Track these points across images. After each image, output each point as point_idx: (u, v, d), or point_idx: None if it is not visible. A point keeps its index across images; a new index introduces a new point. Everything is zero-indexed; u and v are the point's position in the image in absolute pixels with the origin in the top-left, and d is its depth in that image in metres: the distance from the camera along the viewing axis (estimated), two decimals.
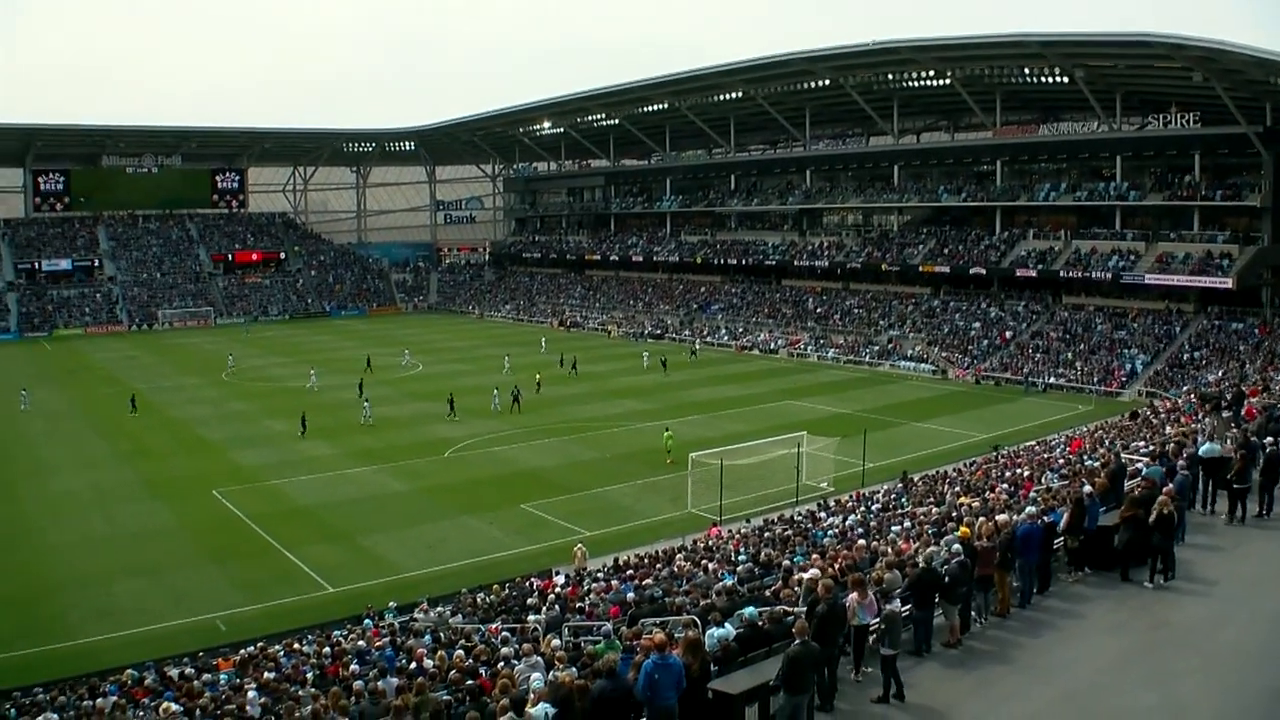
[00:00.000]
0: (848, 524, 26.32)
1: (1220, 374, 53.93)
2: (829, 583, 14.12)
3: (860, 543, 20.99)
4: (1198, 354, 62.08)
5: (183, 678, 19.76)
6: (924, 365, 72.39)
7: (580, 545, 32.01)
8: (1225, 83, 62.53)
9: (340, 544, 35.38)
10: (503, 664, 15.63)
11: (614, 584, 23.20)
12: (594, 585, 23.90)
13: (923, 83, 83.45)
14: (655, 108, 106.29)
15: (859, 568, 17.30)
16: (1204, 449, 21.80)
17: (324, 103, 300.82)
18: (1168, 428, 30.58)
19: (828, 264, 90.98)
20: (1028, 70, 76.31)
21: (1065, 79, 72.99)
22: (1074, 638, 15.30)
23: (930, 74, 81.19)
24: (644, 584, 22.28)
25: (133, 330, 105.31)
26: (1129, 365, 63.50)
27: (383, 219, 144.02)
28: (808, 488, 38.98)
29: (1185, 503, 19.51)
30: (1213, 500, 21.45)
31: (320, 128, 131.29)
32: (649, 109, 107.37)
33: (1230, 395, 33.86)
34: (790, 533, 26.91)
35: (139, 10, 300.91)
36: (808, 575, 16.28)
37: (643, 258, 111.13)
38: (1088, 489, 18.56)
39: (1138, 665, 14.48)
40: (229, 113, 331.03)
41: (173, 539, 35.99)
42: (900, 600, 14.71)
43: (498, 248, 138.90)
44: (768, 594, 16.86)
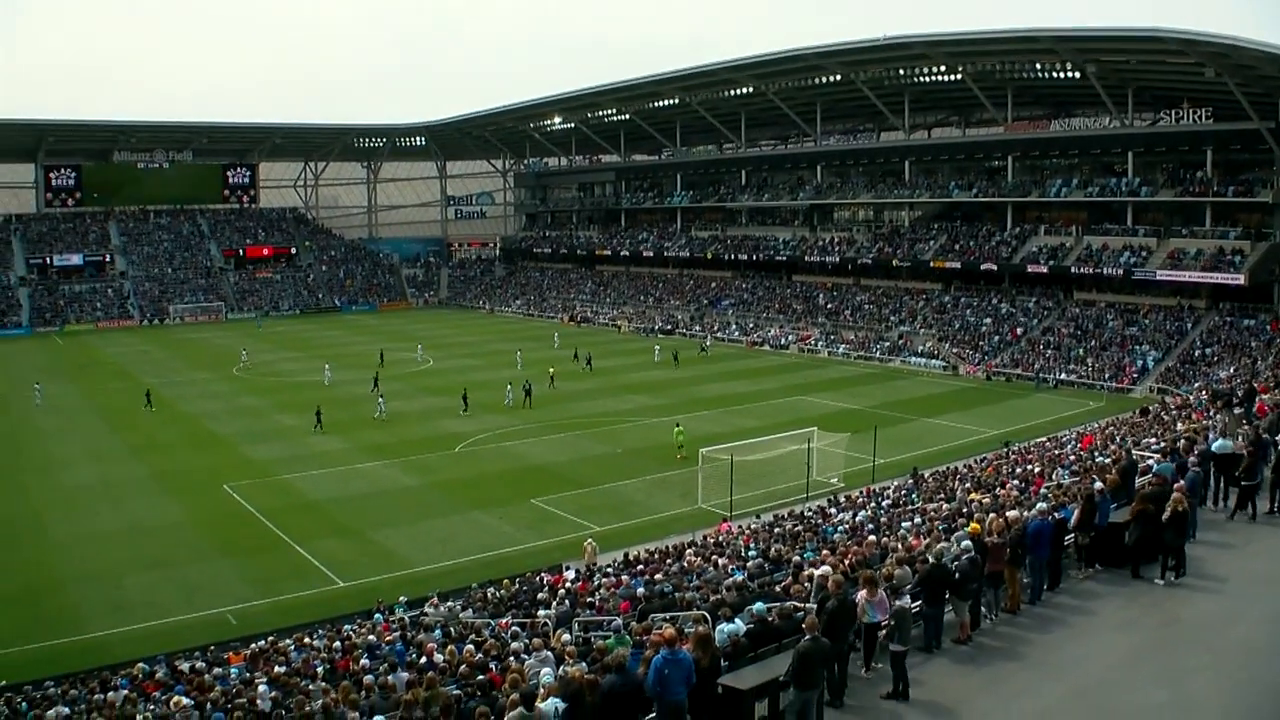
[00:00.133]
0: (858, 520, 26.26)
1: (1232, 370, 53.71)
2: (839, 578, 14.13)
3: (870, 539, 20.99)
4: (1209, 350, 61.88)
5: (193, 671, 19.83)
6: (935, 361, 72.27)
7: (590, 540, 31.98)
8: (1238, 78, 62.30)
9: (351, 538, 35.47)
10: (513, 659, 15.66)
11: (624, 579, 23.21)
12: (604, 580, 23.91)
13: (934, 78, 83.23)
14: (666, 103, 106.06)
15: (869, 564, 17.30)
16: (1217, 445, 21.70)
17: (333, 99, 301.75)
18: (1179, 424, 30.46)
19: (838, 259, 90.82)
20: (1039, 65, 76.02)
21: (1077, 74, 72.81)
22: (1084, 634, 15.26)
23: (941, 69, 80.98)
24: (654, 579, 22.27)
25: (144, 325, 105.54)
26: (1140, 361, 63.34)
27: (393, 214, 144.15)
28: (818, 483, 38.91)
29: (1197, 500, 19.46)
30: (1225, 497, 21.38)
31: (331, 123, 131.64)
32: (660, 104, 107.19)
33: (1242, 392, 33.76)
34: (800, 528, 26.85)
35: (139, 9, 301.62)
36: (819, 572, 16.27)
37: (653, 253, 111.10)
38: (1099, 485, 18.52)
39: (1148, 662, 14.45)
40: (233, 112, 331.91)
41: (183, 533, 36.13)
42: (910, 596, 14.70)
43: (508, 243, 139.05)
44: (778, 589, 16.83)
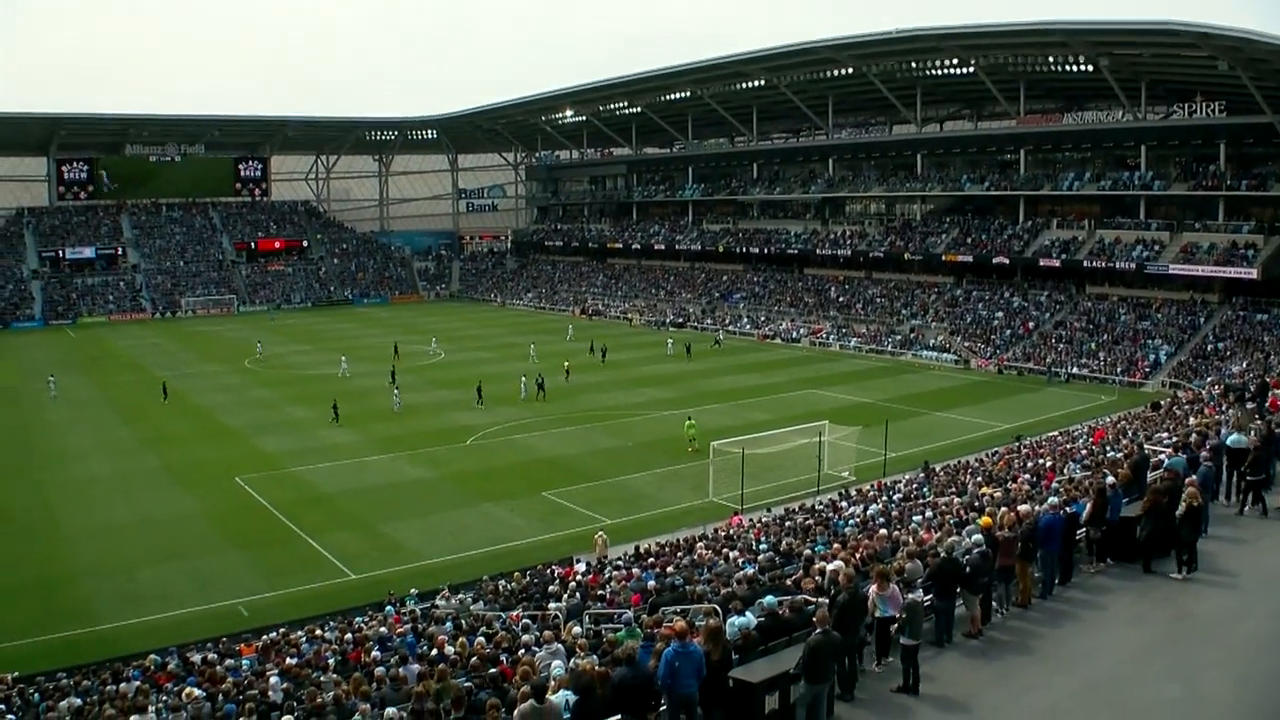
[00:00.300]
0: (869, 513, 26.29)
1: (1244, 365, 53.55)
2: (850, 572, 14.14)
3: (882, 532, 20.99)
4: (1222, 345, 61.64)
5: (205, 663, 19.90)
6: (946, 355, 72.14)
7: (601, 533, 32.05)
8: (1251, 72, 62.03)
9: (362, 531, 35.55)
10: (524, 651, 15.71)
11: (635, 572, 23.24)
12: (615, 573, 23.94)
13: (946, 71, 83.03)
14: (677, 96, 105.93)
15: (880, 557, 17.29)
16: (1231, 439, 21.62)
17: (339, 96, 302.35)
18: (1191, 419, 30.36)
19: (850, 253, 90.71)
20: (1052, 59, 75.77)
21: (1090, 67, 72.53)
22: (1096, 629, 15.25)
23: (954, 62, 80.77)
24: (665, 572, 22.30)
25: (156, 318, 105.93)
26: (1152, 356, 63.14)
27: (405, 207, 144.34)
28: (829, 477, 38.90)
29: (1210, 495, 19.41)
30: (1238, 492, 21.31)
31: (343, 116, 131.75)
32: (671, 97, 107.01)
33: (1254, 387, 33.64)
34: (811, 522, 26.90)
35: (139, 8, 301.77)
36: (830, 566, 16.28)
37: (665, 246, 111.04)
38: (1110, 480, 18.47)
39: (1160, 657, 14.44)
40: (238, 109, 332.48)
41: (196, 525, 36.24)
42: (921, 590, 14.69)
43: (520, 236, 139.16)
44: (789, 583, 16.85)
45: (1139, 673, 13.88)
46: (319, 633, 22.36)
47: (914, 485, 32.25)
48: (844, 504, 30.29)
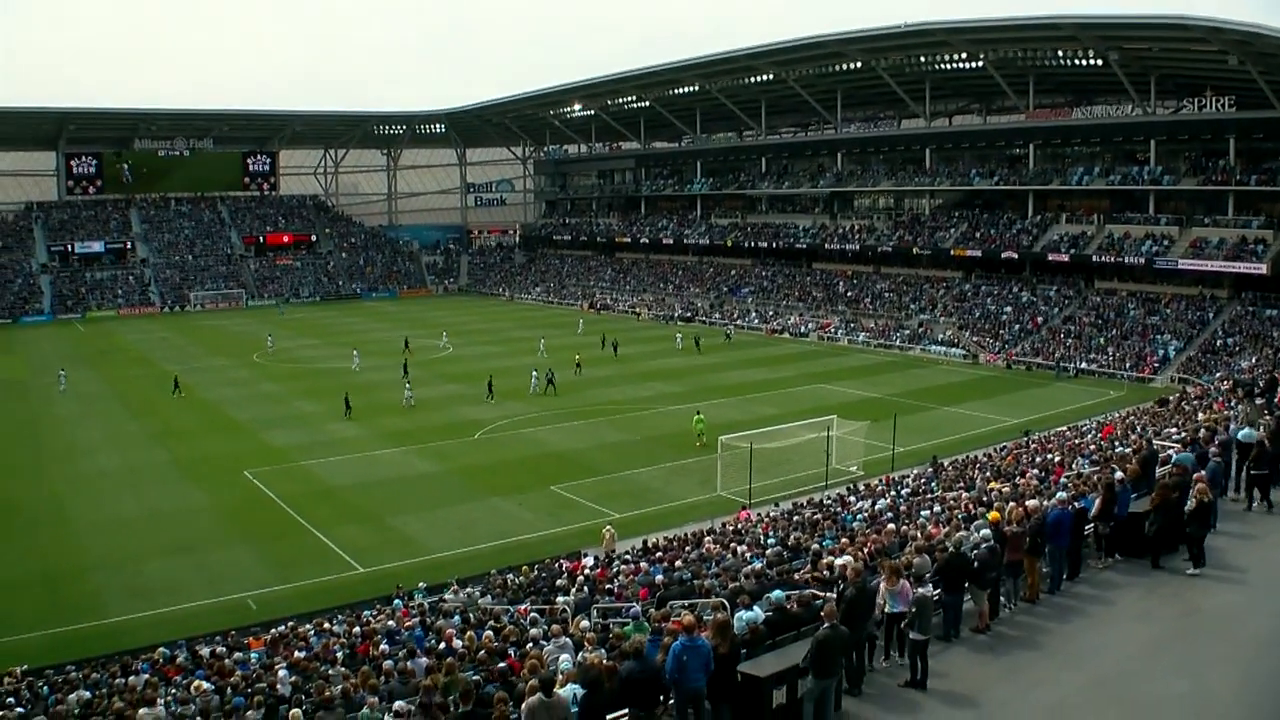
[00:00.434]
0: (877, 508, 26.25)
1: (1253, 360, 53.48)
2: (859, 566, 14.14)
3: (890, 527, 20.98)
4: (1231, 340, 61.48)
5: (214, 656, 19.98)
6: (955, 349, 72.02)
7: (609, 527, 32.03)
8: (1261, 66, 61.79)
9: (370, 524, 35.61)
10: (532, 645, 15.72)
11: (643, 566, 23.26)
12: (623, 567, 23.96)
13: (955, 65, 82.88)
14: (686, 90, 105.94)
15: (888, 552, 17.29)
16: (1242, 434, 21.57)
17: (346, 90, 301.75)
18: (1199, 414, 30.31)
19: (858, 247, 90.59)
20: (1061, 52, 75.66)
21: (1099, 61, 72.33)
22: (1104, 624, 15.23)
23: (963, 56, 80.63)
24: (673, 566, 22.30)
25: (165, 312, 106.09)
26: (1161, 351, 62.97)
27: (413, 201, 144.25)
28: (837, 471, 38.92)
29: (1218, 490, 19.37)
30: (1246, 487, 21.25)
31: (351, 110, 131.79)
32: (680, 91, 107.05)
33: (1264, 382, 33.57)
34: (819, 516, 26.86)
35: (146, 4, 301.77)
36: (838, 561, 16.27)
37: (673, 240, 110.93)
38: (1119, 475, 18.44)
39: (1168, 652, 14.42)
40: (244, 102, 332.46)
41: (204, 519, 36.34)
42: (931, 585, 14.68)
43: (528, 230, 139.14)
44: (796, 577, 16.85)
45: (1147, 668, 13.87)
46: (327, 626, 22.40)
47: (922, 480, 32.20)
48: (852, 499, 30.25)
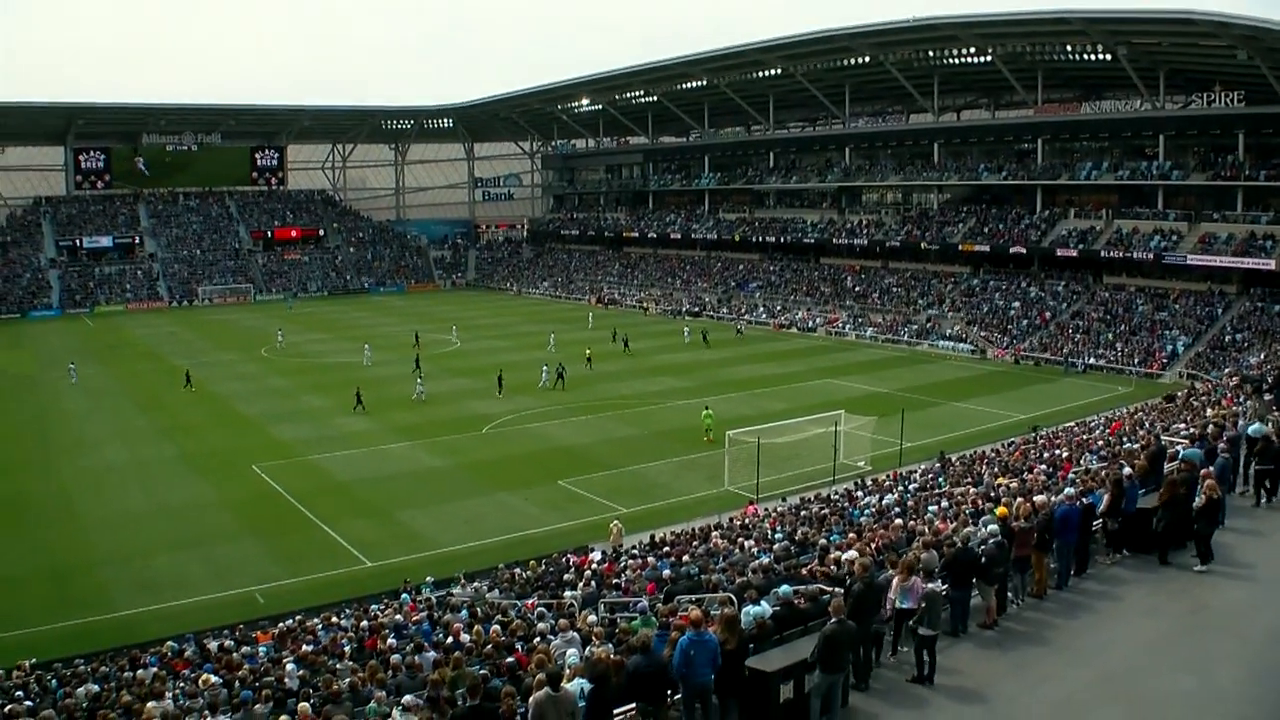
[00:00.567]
0: (885, 503, 26.26)
1: (1262, 356, 53.30)
2: (866, 561, 14.12)
3: (897, 522, 20.98)
4: (1239, 336, 61.30)
5: (222, 650, 20.03)
6: (963, 345, 71.91)
7: (617, 522, 32.06)
8: (1269, 61, 61.68)
9: (378, 519, 35.68)
10: (539, 639, 15.74)
11: (650, 561, 23.25)
12: (630, 562, 23.97)
13: (964, 60, 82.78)
14: (694, 85, 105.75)
15: (896, 547, 17.27)
16: (1252, 429, 21.50)
17: (354, 85, 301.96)
18: (1208, 410, 30.23)
19: (866, 242, 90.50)
20: (1070, 47, 75.43)
21: (1108, 56, 72.17)
22: (1111, 620, 15.21)
23: (971, 51, 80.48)
24: (680, 561, 22.32)
25: (173, 306, 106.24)
26: (1170, 347, 62.81)
27: (421, 196, 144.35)
28: (845, 466, 38.89)
29: (1227, 487, 19.33)
30: (1255, 483, 21.20)
31: (359, 105, 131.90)
32: (688, 86, 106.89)
33: (1272, 378, 33.49)
34: (827, 511, 26.86)
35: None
36: (846, 556, 16.26)
37: (681, 235, 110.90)
38: (1127, 471, 18.41)
39: (1175, 648, 14.39)
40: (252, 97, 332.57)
41: (212, 513, 36.41)
42: (939, 581, 14.66)
43: (536, 225, 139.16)
44: (804, 572, 16.84)
45: (1154, 664, 13.84)
46: (335, 620, 22.47)
47: (930, 475, 32.14)
48: (859, 494, 30.25)
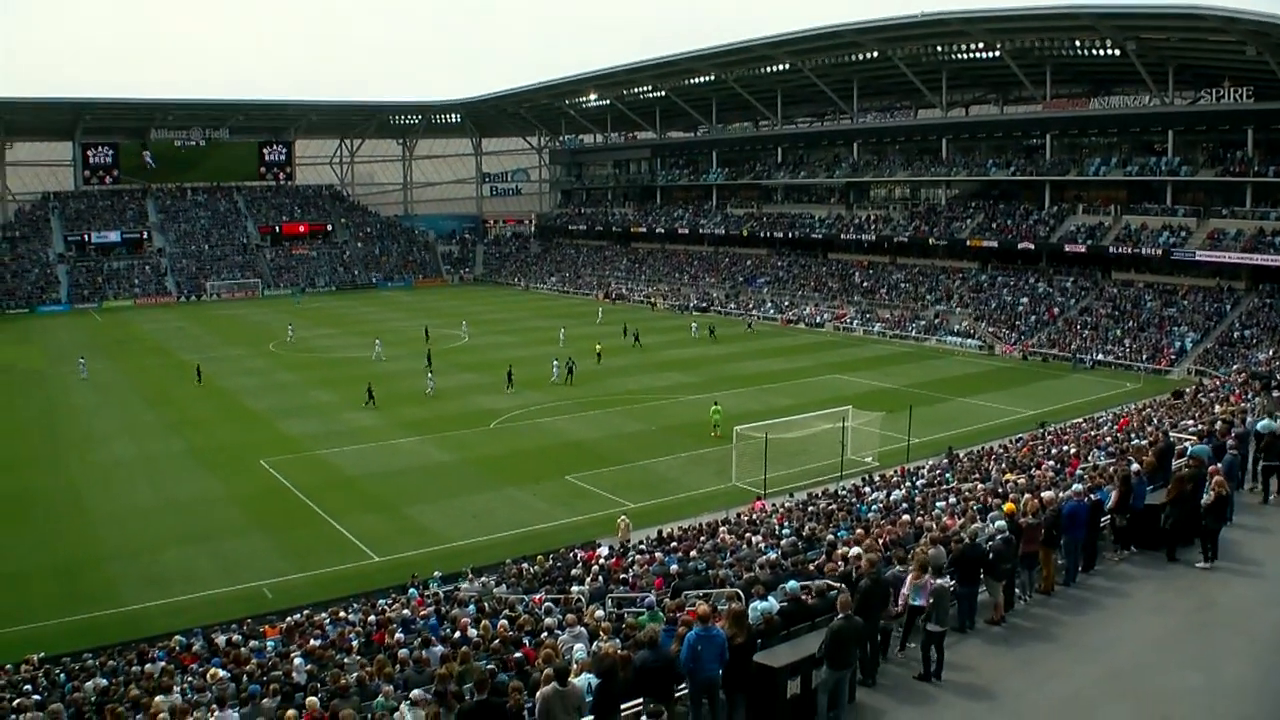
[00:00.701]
0: (892, 499, 26.23)
1: (1271, 353, 53.20)
2: (873, 557, 14.11)
3: (905, 518, 20.97)
4: (1248, 332, 61.18)
5: (230, 644, 20.08)
6: (970, 340, 71.82)
7: (624, 517, 32.05)
8: (1278, 57, 61.38)
9: (386, 514, 35.75)
10: (546, 634, 15.74)
11: (658, 556, 23.28)
12: (638, 557, 23.98)
13: (972, 55, 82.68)
14: (702, 80, 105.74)
15: (903, 543, 17.26)
16: (1261, 425, 21.45)
17: (362, 80, 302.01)
18: (1216, 406, 30.16)
19: (874, 237, 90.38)
20: (1078, 42, 75.26)
21: (1116, 51, 71.99)
22: (1119, 617, 15.19)
23: (980, 46, 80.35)
24: (688, 556, 22.33)
25: (181, 301, 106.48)
26: (1178, 343, 62.69)
27: (429, 191, 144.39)
28: (852, 462, 38.83)
29: (1235, 483, 19.29)
30: (1262, 478, 21.16)
31: (367, 100, 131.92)
32: (696, 81, 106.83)
33: None
34: (834, 507, 26.85)
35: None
36: (853, 552, 16.26)
37: (688, 230, 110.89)
38: (1135, 467, 18.37)
39: (1183, 645, 14.36)
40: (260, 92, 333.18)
41: (221, 508, 36.50)
42: (947, 577, 14.65)
43: (543, 220, 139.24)
44: (811, 568, 16.85)
45: (1161, 661, 13.81)
46: (343, 615, 22.49)
47: (937, 471, 32.11)
48: (867, 489, 30.25)
